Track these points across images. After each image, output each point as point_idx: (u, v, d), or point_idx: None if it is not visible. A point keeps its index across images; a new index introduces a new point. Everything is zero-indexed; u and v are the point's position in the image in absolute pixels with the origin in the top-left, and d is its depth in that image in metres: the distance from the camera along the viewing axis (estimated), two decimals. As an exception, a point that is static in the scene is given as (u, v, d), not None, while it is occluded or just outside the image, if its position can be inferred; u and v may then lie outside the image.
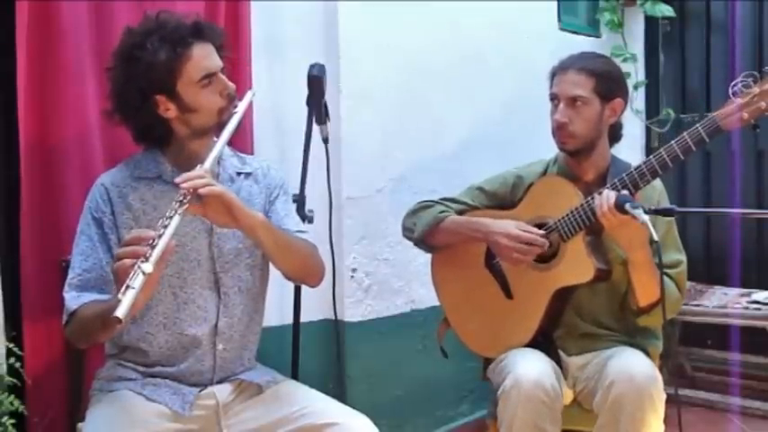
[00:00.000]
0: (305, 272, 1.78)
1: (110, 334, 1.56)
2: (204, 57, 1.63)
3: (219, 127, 1.64)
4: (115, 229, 1.63)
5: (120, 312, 1.27)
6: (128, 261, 1.34)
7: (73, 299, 1.57)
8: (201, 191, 1.47)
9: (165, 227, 1.38)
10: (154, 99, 1.61)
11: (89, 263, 1.60)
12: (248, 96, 1.70)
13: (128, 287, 1.29)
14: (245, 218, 1.56)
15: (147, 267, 1.31)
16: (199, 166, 1.53)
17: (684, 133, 1.79)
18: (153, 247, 1.34)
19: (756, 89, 1.73)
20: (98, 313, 1.47)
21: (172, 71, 1.59)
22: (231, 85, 1.67)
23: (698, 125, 1.78)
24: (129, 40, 1.62)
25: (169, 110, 1.62)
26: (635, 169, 1.84)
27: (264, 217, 1.65)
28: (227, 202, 1.52)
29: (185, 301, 1.66)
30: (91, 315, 1.51)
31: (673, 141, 1.80)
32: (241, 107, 1.66)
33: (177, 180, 1.48)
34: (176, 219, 1.41)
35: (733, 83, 1.76)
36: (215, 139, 1.67)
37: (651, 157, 1.83)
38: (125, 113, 1.65)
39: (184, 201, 1.45)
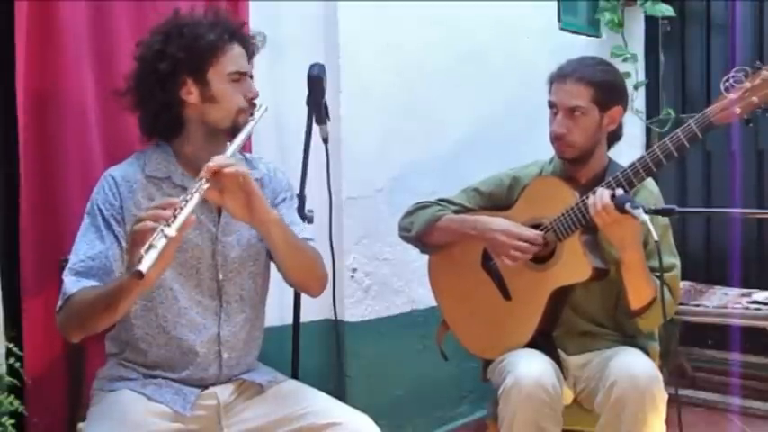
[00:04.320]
0: (309, 277, 1.76)
1: (108, 322, 1.51)
2: (241, 56, 1.67)
3: (231, 131, 1.64)
4: (122, 222, 1.61)
5: (144, 267, 1.24)
6: (150, 223, 1.32)
7: (72, 283, 1.54)
8: (227, 170, 1.46)
9: (187, 200, 1.37)
10: (181, 77, 1.61)
11: (95, 251, 1.57)
12: (261, 110, 1.69)
13: (151, 246, 1.27)
14: (261, 211, 1.55)
15: (170, 231, 1.29)
16: (216, 156, 1.51)
17: (678, 130, 1.80)
18: (175, 215, 1.33)
19: (748, 84, 1.74)
20: (102, 293, 1.45)
21: (212, 53, 1.61)
22: (256, 90, 1.69)
23: (690, 121, 1.78)
24: (176, 20, 1.64)
25: (191, 94, 1.63)
26: (629, 167, 1.84)
27: (278, 214, 1.65)
28: (249, 189, 1.51)
29: (185, 307, 1.65)
30: (92, 297, 1.48)
31: (666, 138, 1.80)
32: (257, 116, 1.66)
33: (206, 164, 1.45)
34: (197, 197, 1.39)
35: (725, 78, 1.76)
36: (228, 143, 1.65)
37: (645, 154, 1.83)
38: (146, 87, 1.63)
39: (206, 182, 1.43)
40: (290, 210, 1.81)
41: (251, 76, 1.70)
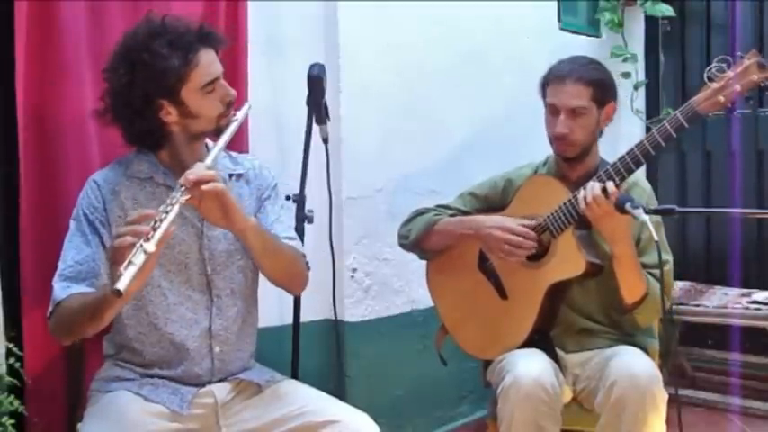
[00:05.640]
0: (288, 278, 1.78)
1: (94, 329, 1.52)
2: (210, 63, 1.63)
3: (215, 133, 1.65)
4: (107, 225, 1.62)
5: (122, 285, 1.26)
6: (129, 238, 1.33)
7: (62, 289, 1.56)
8: (204, 187, 1.47)
9: (167, 212, 1.38)
10: (158, 103, 1.60)
11: (82, 255, 1.59)
12: (245, 109, 1.70)
13: (130, 263, 1.28)
14: (239, 221, 1.56)
15: (149, 246, 1.30)
16: (198, 163, 1.52)
17: (665, 121, 1.83)
18: (155, 229, 1.34)
19: (731, 73, 1.77)
20: (87, 304, 1.47)
21: (180, 77, 1.58)
22: (232, 92, 1.67)
23: (676, 112, 1.82)
24: (134, 43, 1.60)
25: (170, 114, 1.62)
26: (619, 160, 1.87)
27: (256, 221, 1.66)
28: (226, 203, 1.52)
29: (175, 303, 1.66)
30: (78, 306, 1.50)
31: (654, 130, 1.84)
32: (240, 116, 1.67)
33: (186, 173, 1.46)
34: (176, 208, 1.40)
35: (708, 68, 1.80)
36: (209, 142, 1.68)
37: (634, 147, 1.86)
38: (124, 115, 1.63)
39: (185, 191, 1.44)
40: (275, 206, 1.81)
41: (225, 75, 1.68)
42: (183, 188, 1.45)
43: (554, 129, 2.00)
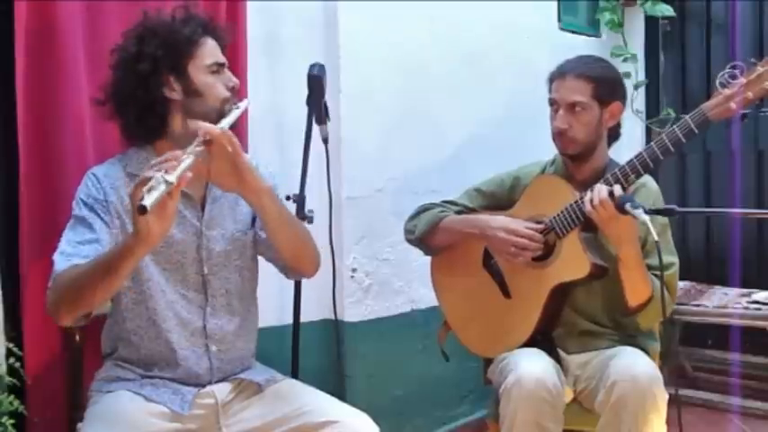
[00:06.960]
0: (303, 253, 1.74)
1: (108, 290, 1.45)
2: (216, 48, 1.69)
3: (218, 117, 1.63)
4: (108, 213, 1.61)
5: (147, 202, 1.24)
6: (149, 172, 1.31)
7: (62, 261, 1.51)
8: (215, 131, 1.46)
9: (185, 155, 1.38)
10: (163, 76, 1.61)
11: (84, 237, 1.56)
12: (244, 103, 1.70)
13: (151, 188, 1.27)
14: (252, 180, 1.55)
15: (170, 177, 1.29)
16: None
17: (674, 126, 1.82)
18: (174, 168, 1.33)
19: (743, 80, 1.76)
20: (101, 259, 1.42)
21: (189, 47, 1.62)
22: (235, 79, 1.70)
23: (687, 117, 1.81)
24: (147, 21, 1.65)
25: (174, 91, 1.63)
26: (627, 164, 1.86)
27: (270, 186, 1.64)
28: (236, 159, 1.50)
29: (171, 301, 1.66)
30: (88, 267, 1.44)
31: (663, 134, 1.82)
32: (242, 105, 1.67)
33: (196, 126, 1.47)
34: (191, 158, 1.38)
35: (720, 74, 1.79)
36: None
37: (642, 151, 1.85)
38: (127, 92, 1.63)
39: (200, 143, 1.43)
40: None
41: (228, 67, 1.71)
42: (200, 140, 1.44)
43: (553, 124, 2.01)
